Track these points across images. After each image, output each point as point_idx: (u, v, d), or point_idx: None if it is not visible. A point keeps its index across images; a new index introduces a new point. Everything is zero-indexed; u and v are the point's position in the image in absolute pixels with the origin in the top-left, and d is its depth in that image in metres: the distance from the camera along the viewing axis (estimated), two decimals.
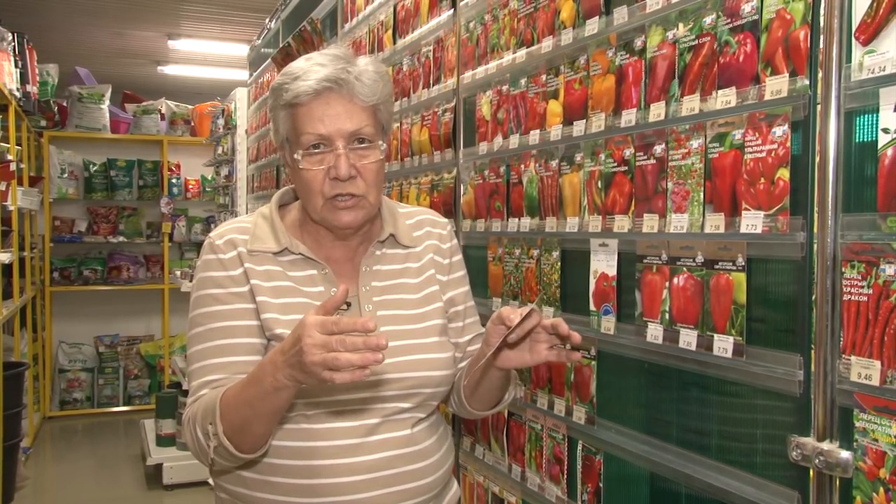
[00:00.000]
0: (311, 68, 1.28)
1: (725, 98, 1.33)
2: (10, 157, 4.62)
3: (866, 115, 1.11)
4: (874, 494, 1.07)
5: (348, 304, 1.33)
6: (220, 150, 6.46)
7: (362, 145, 1.29)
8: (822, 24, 1.15)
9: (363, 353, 1.01)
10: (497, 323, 1.25)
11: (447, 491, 1.42)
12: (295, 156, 1.29)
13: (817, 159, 1.14)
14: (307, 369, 1.04)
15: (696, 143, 1.38)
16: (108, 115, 6.78)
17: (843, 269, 1.11)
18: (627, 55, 1.57)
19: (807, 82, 1.18)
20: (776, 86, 1.23)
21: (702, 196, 1.37)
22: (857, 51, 1.11)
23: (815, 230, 1.14)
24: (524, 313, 1.19)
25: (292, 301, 1.31)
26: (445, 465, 1.40)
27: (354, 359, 1.01)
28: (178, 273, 6.28)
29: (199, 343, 1.31)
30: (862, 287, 1.09)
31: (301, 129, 1.28)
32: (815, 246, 1.14)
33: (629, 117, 1.56)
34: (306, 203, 1.33)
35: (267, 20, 5.19)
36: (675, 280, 1.43)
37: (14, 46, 4.90)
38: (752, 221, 1.26)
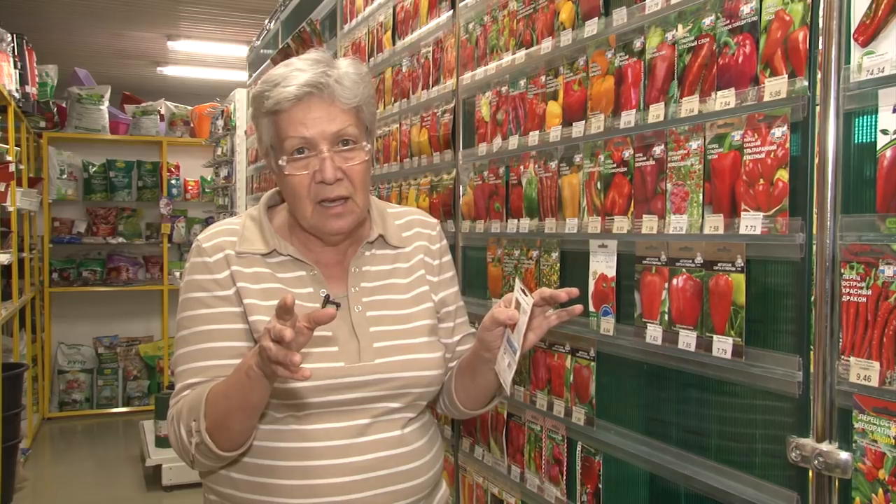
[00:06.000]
0: (291, 74, 1.27)
1: (724, 99, 1.33)
2: (9, 158, 4.62)
3: (865, 117, 1.11)
4: (873, 495, 1.07)
5: (337, 305, 1.33)
6: (219, 152, 6.46)
7: (346, 147, 1.28)
8: (821, 25, 1.15)
9: (289, 354, 1.02)
10: (492, 326, 1.25)
11: (437, 491, 1.43)
12: (280, 162, 1.28)
13: (816, 160, 1.14)
14: (264, 360, 1.07)
15: (695, 145, 1.39)
16: (107, 116, 6.77)
17: (843, 270, 1.11)
18: (627, 56, 1.57)
19: (806, 83, 1.18)
20: (775, 87, 1.23)
21: (701, 197, 1.37)
22: (856, 52, 1.11)
23: (815, 231, 1.14)
24: (519, 310, 1.19)
25: None
26: (436, 466, 1.40)
27: (280, 355, 1.02)
28: (178, 274, 6.30)
29: (184, 346, 1.32)
30: (861, 288, 1.09)
31: (284, 134, 1.27)
32: (815, 247, 1.14)
33: (628, 118, 1.56)
34: (295, 210, 1.33)
35: (266, 21, 5.19)
36: (675, 281, 1.43)
37: (13, 47, 4.90)
38: (751, 222, 1.26)
